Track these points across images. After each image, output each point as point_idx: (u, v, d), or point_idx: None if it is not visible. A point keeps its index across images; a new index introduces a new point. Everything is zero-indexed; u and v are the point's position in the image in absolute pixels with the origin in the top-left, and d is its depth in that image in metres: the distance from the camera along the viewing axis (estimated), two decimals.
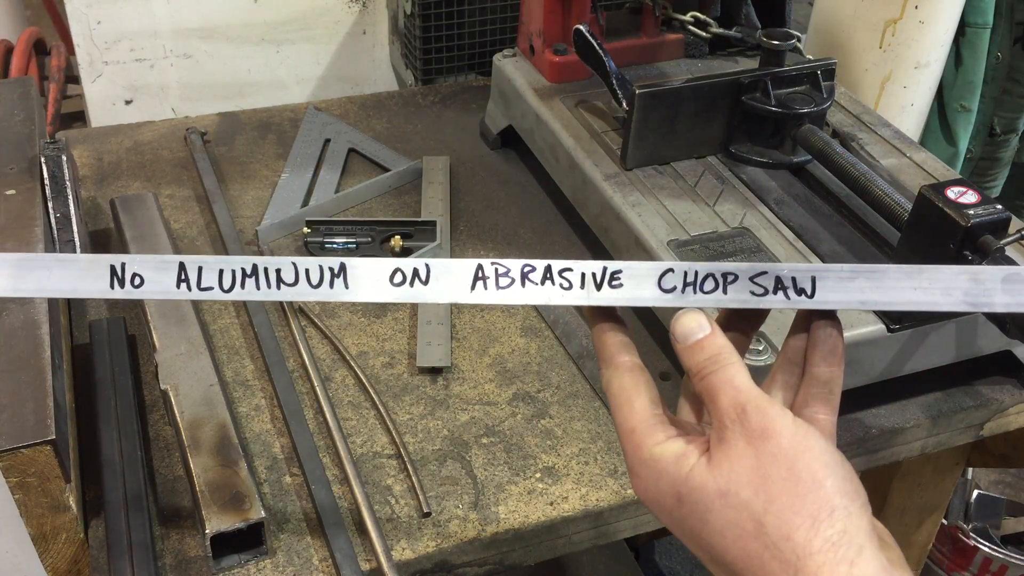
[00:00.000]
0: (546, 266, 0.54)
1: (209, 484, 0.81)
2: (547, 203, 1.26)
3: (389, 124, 1.42)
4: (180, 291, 0.54)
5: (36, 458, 0.73)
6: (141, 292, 0.54)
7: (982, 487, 1.91)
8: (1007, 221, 0.84)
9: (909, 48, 1.35)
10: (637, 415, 0.54)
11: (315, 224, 1.15)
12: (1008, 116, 1.69)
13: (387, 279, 0.55)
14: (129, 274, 0.54)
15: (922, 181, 1.05)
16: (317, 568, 0.80)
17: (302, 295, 0.55)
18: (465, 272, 0.55)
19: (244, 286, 0.54)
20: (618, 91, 1.08)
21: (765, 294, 0.54)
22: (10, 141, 1.07)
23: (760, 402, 0.50)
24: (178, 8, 1.63)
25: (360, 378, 0.99)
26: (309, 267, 0.54)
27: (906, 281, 0.54)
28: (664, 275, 0.54)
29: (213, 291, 0.54)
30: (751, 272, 0.54)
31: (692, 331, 0.53)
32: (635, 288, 0.54)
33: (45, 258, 0.55)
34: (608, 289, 0.54)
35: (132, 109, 1.70)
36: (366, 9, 1.75)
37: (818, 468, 0.48)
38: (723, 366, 0.52)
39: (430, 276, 0.55)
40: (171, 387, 0.90)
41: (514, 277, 0.55)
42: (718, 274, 0.54)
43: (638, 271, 0.54)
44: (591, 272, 0.54)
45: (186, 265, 0.54)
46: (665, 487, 0.51)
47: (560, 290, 0.54)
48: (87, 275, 0.54)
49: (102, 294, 0.54)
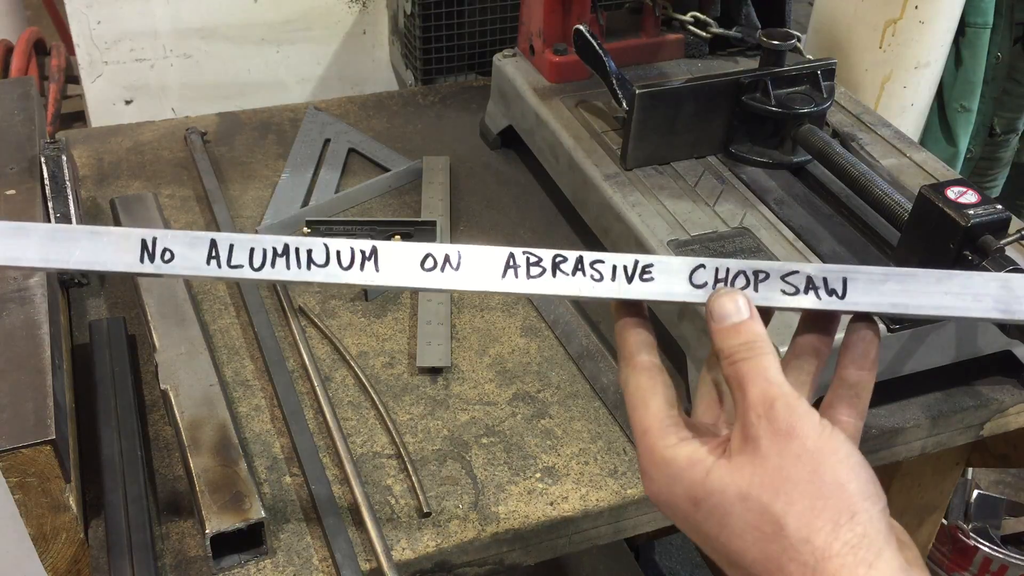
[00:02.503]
0: (578, 257, 0.54)
1: (209, 484, 0.81)
2: (547, 203, 1.26)
3: (389, 124, 1.42)
4: (210, 268, 0.53)
5: (36, 458, 0.73)
6: (171, 267, 0.53)
7: (982, 487, 1.91)
8: (1007, 221, 0.85)
9: (909, 48, 1.35)
10: (652, 416, 0.53)
11: (315, 224, 1.15)
12: (1008, 116, 1.69)
13: (418, 264, 0.54)
14: (160, 249, 0.53)
15: (922, 181, 1.05)
16: (317, 568, 0.80)
17: (332, 276, 0.54)
18: (496, 260, 0.54)
19: (275, 265, 0.54)
20: (618, 91, 1.08)
21: (796, 293, 0.54)
22: (10, 141, 1.07)
23: (790, 399, 0.49)
24: (178, 8, 1.63)
25: (360, 378, 0.99)
26: (340, 249, 0.54)
27: (936, 286, 0.53)
28: (696, 270, 0.54)
29: (243, 269, 0.54)
30: (782, 271, 0.53)
31: (729, 313, 0.52)
32: (666, 282, 0.54)
33: (76, 230, 0.54)
34: (639, 282, 0.54)
35: (132, 109, 1.70)
36: (366, 9, 1.75)
37: (842, 471, 0.47)
38: (758, 355, 0.51)
39: (461, 262, 0.54)
40: (171, 387, 0.90)
41: (545, 267, 0.54)
42: (749, 271, 0.54)
43: (670, 265, 0.54)
44: (623, 264, 0.54)
45: (217, 242, 0.53)
46: (680, 491, 0.51)
47: (591, 282, 0.54)
48: (118, 248, 0.53)
49: (131, 268, 0.53)
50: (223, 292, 1.09)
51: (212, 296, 1.08)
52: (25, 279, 0.88)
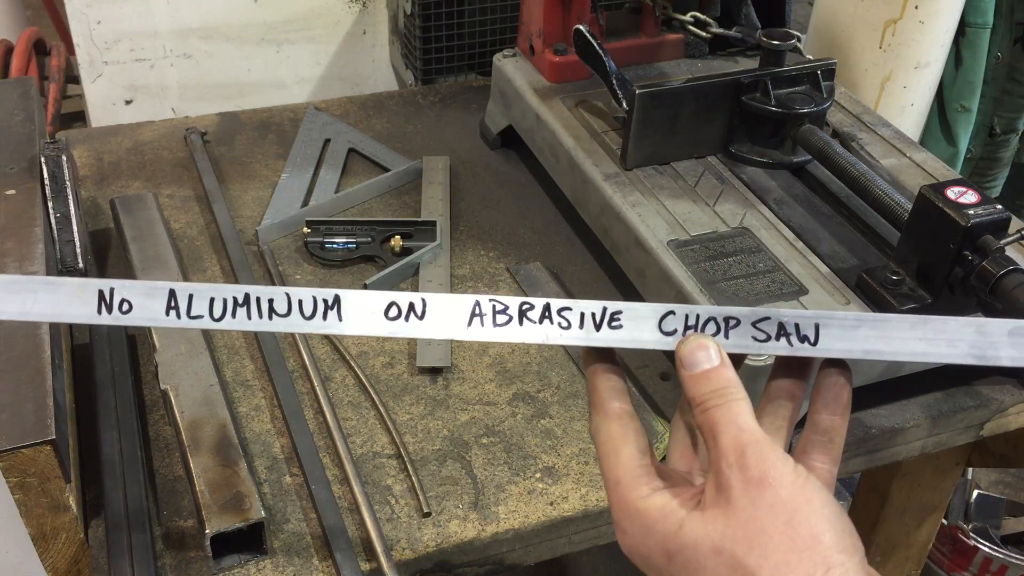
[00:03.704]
0: (545, 304, 0.54)
1: (209, 484, 0.81)
2: (547, 203, 1.26)
3: (389, 124, 1.42)
4: (169, 319, 0.53)
5: (36, 458, 0.73)
6: (129, 318, 0.53)
7: (982, 487, 1.91)
8: (1007, 221, 0.85)
9: (909, 48, 1.35)
10: (623, 466, 0.52)
11: (315, 224, 1.15)
12: (1008, 116, 1.69)
13: (382, 313, 0.54)
14: (117, 300, 0.53)
15: (922, 181, 1.05)
16: (317, 568, 0.80)
17: (294, 327, 0.54)
18: (462, 308, 0.54)
19: (235, 315, 0.53)
20: (618, 91, 1.08)
21: (768, 340, 0.53)
22: (10, 141, 1.07)
23: (762, 446, 0.48)
24: (178, 8, 1.63)
25: (360, 378, 0.99)
26: (303, 298, 0.54)
27: (910, 331, 0.53)
28: (665, 317, 0.53)
29: (203, 319, 0.53)
30: (753, 317, 0.53)
31: (700, 360, 0.51)
32: (635, 329, 0.53)
33: (32, 281, 0.54)
34: (608, 330, 0.54)
35: (132, 109, 1.70)
36: (366, 9, 1.75)
37: (817, 522, 0.46)
38: (729, 401, 0.50)
39: (426, 311, 0.54)
40: (171, 387, 0.90)
41: (512, 315, 0.54)
42: (720, 318, 0.53)
43: (639, 312, 0.53)
44: (591, 312, 0.53)
45: (176, 292, 0.53)
46: (653, 543, 0.49)
47: (559, 329, 0.54)
48: (74, 299, 0.53)
49: (89, 319, 0.53)
50: None
51: None
52: None
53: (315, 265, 1.13)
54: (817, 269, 0.94)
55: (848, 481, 2.31)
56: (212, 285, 0.54)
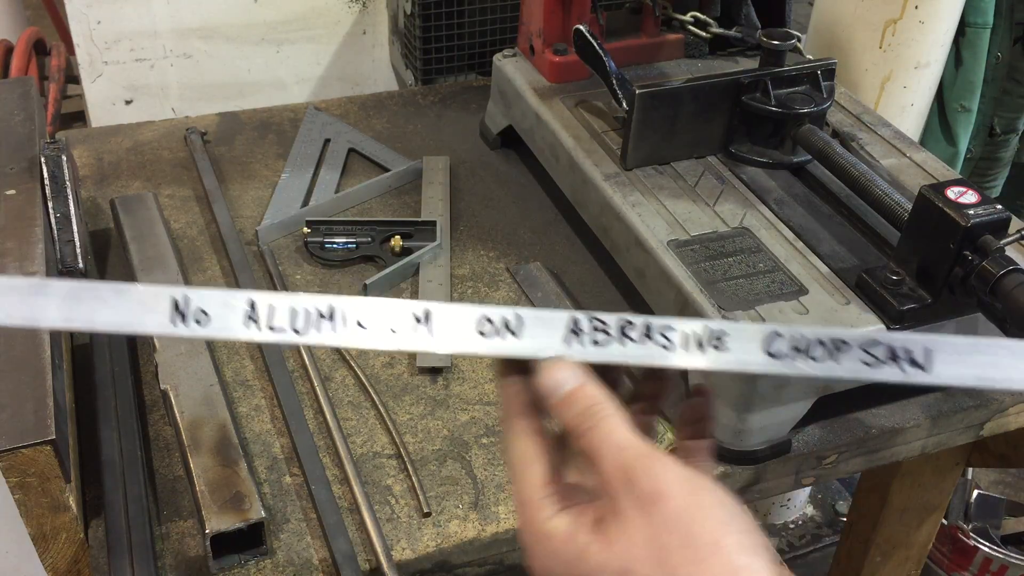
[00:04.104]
0: (646, 323, 0.51)
1: (209, 484, 0.81)
2: (547, 203, 1.26)
3: (389, 124, 1.42)
4: (249, 331, 0.50)
5: (36, 458, 0.73)
6: (205, 330, 0.50)
7: (982, 487, 1.91)
8: (1007, 221, 0.85)
9: (909, 48, 1.35)
10: (529, 486, 0.50)
11: (315, 224, 1.15)
12: (1008, 116, 1.69)
13: (474, 327, 0.51)
14: (193, 309, 0.50)
15: (922, 181, 1.05)
16: (317, 568, 0.80)
17: (381, 343, 0.51)
18: (558, 324, 0.51)
19: (320, 328, 0.50)
20: (618, 91, 1.08)
21: (878, 365, 0.50)
22: (10, 141, 1.07)
23: (645, 461, 0.47)
24: (178, 8, 1.63)
25: (360, 378, 0.99)
26: (391, 310, 0.51)
27: None
28: (771, 339, 0.51)
29: (285, 333, 0.50)
30: (862, 340, 0.50)
31: (560, 383, 0.50)
32: (741, 351, 0.51)
33: (100, 288, 0.50)
34: (712, 351, 0.51)
35: (132, 109, 1.70)
36: (366, 9, 1.75)
37: (715, 527, 0.45)
38: (600, 420, 0.48)
39: (522, 327, 0.51)
40: (171, 387, 0.90)
41: (612, 332, 0.51)
42: (828, 340, 0.51)
43: (744, 333, 0.51)
44: (693, 331, 0.51)
45: (256, 302, 0.50)
46: (560, 568, 0.48)
47: (661, 349, 0.51)
48: (146, 308, 0.50)
49: (162, 330, 0.50)
50: None
51: None
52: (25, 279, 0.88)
53: (315, 265, 1.13)
54: (817, 269, 0.94)
55: (848, 481, 2.31)
56: (294, 295, 0.51)
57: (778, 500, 2.21)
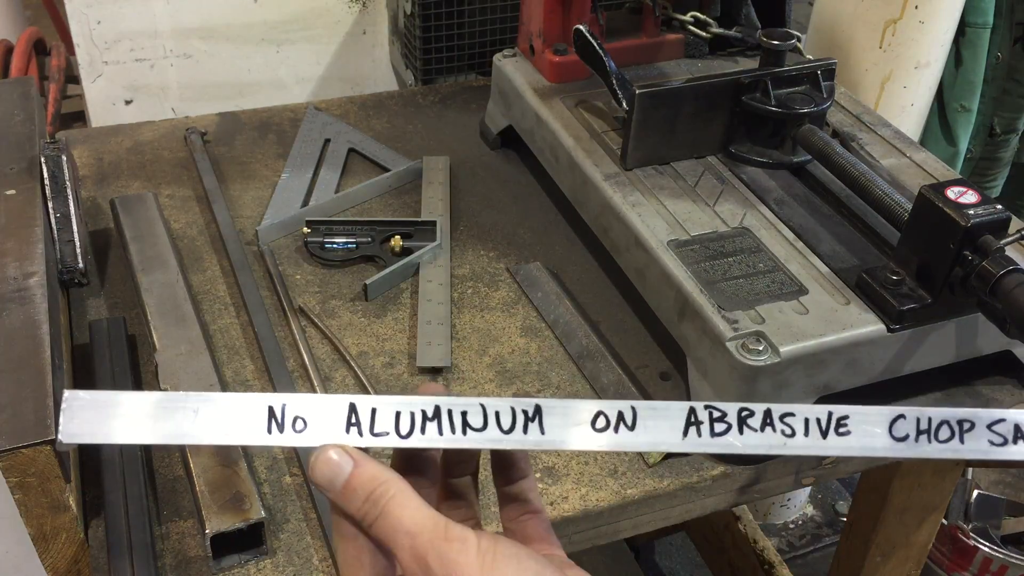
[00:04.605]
0: (766, 410, 0.50)
1: (209, 484, 0.81)
2: (547, 203, 1.26)
3: (389, 124, 1.42)
4: (350, 436, 0.48)
5: (36, 458, 0.73)
6: (303, 438, 0.48)
7: (982, 487, 1.91)
8: (1007, 221, 0.85)
9: (909, 48, 1.35)
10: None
11: (315, 224, 1.15)
12: (1008, 116, 1.69)
13: (588, 424, 0.50)
14: (290, 417, 0.48)
15: (922, 181, 1.05)
16: (317, 568, 0.80)
17: (492, 442, 0.49)
18: (677, 416, 0.50)
19: (424, 431, 0.49)
20: (618, 91, 1.08)
21: (1005, 444, 0.49)
22: (10, 141, 1.07)
23: (435, 543, 0.45)
24: (178, 8, 1.63)
25: (360, 378, 0.99)
26: (500, 409, 0.49)
27: None
28: (895, 421, 0.49)
29: (389, 437, 0.48)
30: (989, 419, 0.49)
31: (333, 474, 0.47)
32: (864, 436, 0.49)
33: (190, 398, 0.48)
34: (835, 436, 0.49)
35: (132, 109, 1.70)
36: (366, 9, 1.75)
37: None
38: (386, 504, 0.46)
39: (636, 420, 0.50)
40: (171, 387, 0.90)
41: (731, 422, 0.50)
42: (953, 421, 0.49)
43: (868, 417, 0.50)
44: (815, 418, 0.50)
45: (357, 407, 0.49)
46: None
47: (782, 437, 0.50)
48: (240, 417, 0.48)
49: (259, 441, 0.48)
50: (223, 292, 1.09)
51: (212, 296, 1.08)
52: (25, 279, 0.88)
53: (315, 265, 1.13)
54: (817, 269, 0.94)
55: (848, 481, 2.32)
56: (397, 398, 0.49)
57: (778, 500, 2.21)
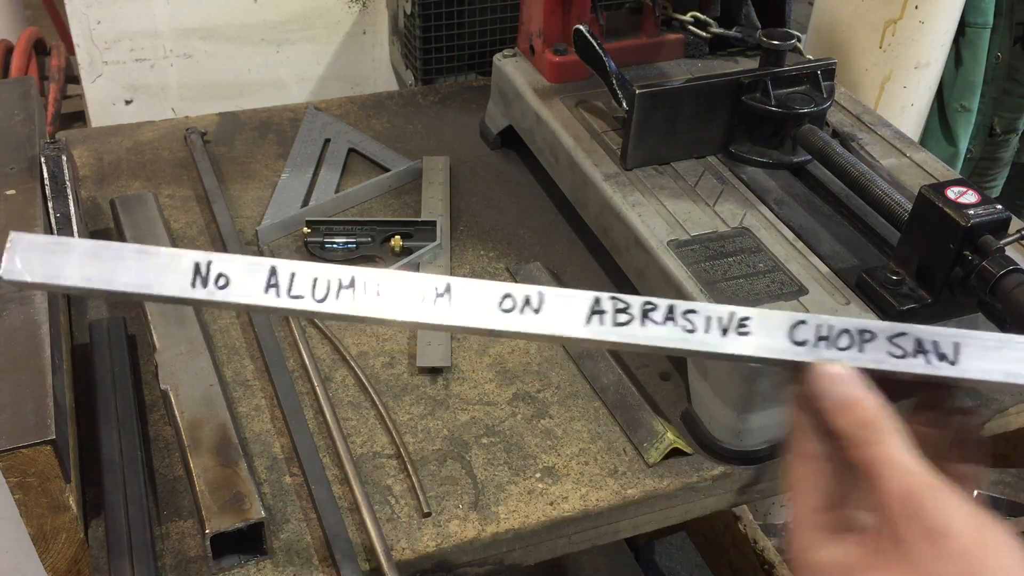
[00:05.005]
0: (669, 305, 0.51)
1: (209, 484, 0.81)
2: (547, 203, 1.26)
3: (389, 124, 1.42)
4: (268, 296, 0.50)
5: (36, 458, 0.73)
6: (225, 294, 0.50)
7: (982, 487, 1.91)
8: (1007, 221, 0.85)
9: (909, 48, 1.35)
10: (803, 513, 0.49)
11: (315, 224, 1.15)
12: (1008, 116, 1.69)
13: (496, 303, 0.51)
14: (214, 273, 0.50)
15: (922, 181, 1.05)
16: (317, 568, 0.80)
17: (401, 313, 0.51)
18: (580, 305, 0.51)
19: (339, 296, 0.50)
20: (618, 91, 1.08)
21: (904, 357, 0.50)
22: (10, 141, 1.07)
23: (936, 492, 0.45)
24: (178, 8, 1.63)
25: (360, 378, 0.99)
26: (411, 282, 0.51)
27: None
28: (796, 326, 0.50)
29: (304, 300, 0.50)
30: (889, 332, 0.50)
31: (842, 389, 0.48)
32: (764, 337, 0.50)
33: (124, 248, 0.50)
34: (735, 336, 0.51)
35: (132, 109, 1.70)
36: (366, 9, 1.75)
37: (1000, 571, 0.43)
38: (883, 438, 0.46)
39: (543, 304, 0.51)
40: (171, 387, 0.90)
41: (633, 314, 0.51)
42: (854, 331, 0.50)
43: (769, 319, 0.51)
44: (717, 316, 0.51)
45: (277, 269, 0.50)
46: None
47: (683, 332, 0.51)
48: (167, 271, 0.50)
49: (181, 293, 0.50)
50: None
51: None
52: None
53: None
54: (817, 269, 0.94)
55: None
56: (316, 264, 0.51)
57: (778, 500, 2.21)
